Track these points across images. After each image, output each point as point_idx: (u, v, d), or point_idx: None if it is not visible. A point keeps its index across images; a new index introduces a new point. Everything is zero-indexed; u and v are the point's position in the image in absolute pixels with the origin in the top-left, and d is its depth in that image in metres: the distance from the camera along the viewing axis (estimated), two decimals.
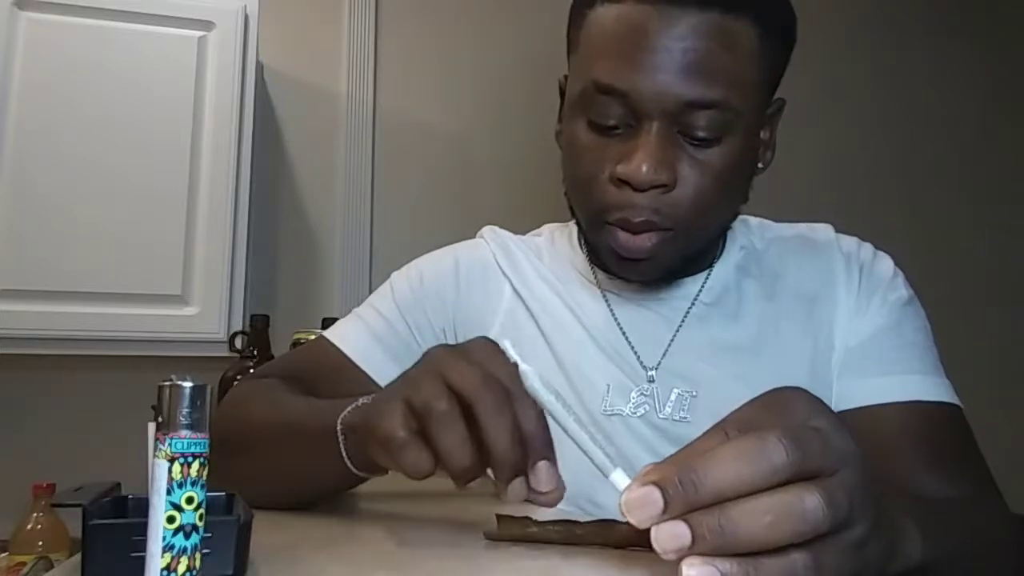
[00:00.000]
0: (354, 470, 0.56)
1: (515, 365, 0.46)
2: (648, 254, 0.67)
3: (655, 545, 0.35)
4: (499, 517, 0.52)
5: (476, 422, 0.43)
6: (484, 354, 0.47)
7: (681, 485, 0.35)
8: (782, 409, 0.39)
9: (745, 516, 0.34)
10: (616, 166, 0.65)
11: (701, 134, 0.64)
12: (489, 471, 0.45)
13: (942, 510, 0.55)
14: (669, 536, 0.35)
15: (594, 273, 0.80)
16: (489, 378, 0.44)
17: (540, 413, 0.45)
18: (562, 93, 0.75)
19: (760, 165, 0.73)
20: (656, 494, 0.35)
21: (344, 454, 0.55)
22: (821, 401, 0.40)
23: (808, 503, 0.34)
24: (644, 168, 0.63)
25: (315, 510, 0.74)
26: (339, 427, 0.56)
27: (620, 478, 0.40)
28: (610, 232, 0.68)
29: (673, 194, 0.65)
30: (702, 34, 0.62)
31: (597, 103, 0.66)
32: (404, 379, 0.49)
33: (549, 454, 0.44)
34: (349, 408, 0.56)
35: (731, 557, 0.34)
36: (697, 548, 0.34)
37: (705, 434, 0.38)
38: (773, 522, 0.34)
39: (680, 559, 0.35)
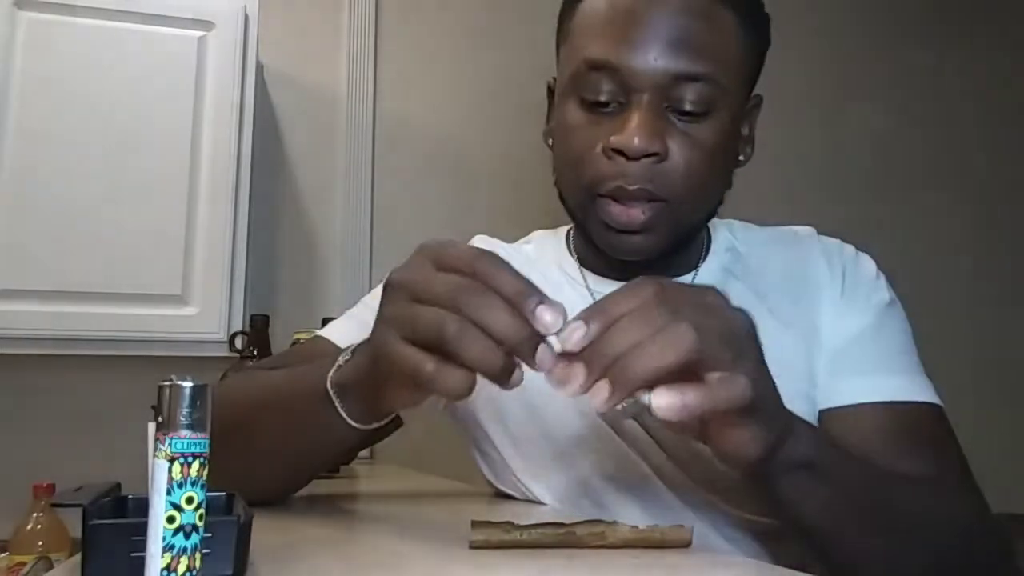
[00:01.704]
0: (356, 425, 0.58)
1: (465, 248, 0.49)
2: (641, 226, 0.68)
3: (556, 385, 0.46)
4: (475, 523, 0.51)
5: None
6: (431, 256, 0.49)
7: (596, 357, 0.45)
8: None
9: (634, 355, 0.44)
10: (609, 138, 0.67)
11: (689, 107, 0.67)
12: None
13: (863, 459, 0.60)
14: (569, 373, 0.46)
15: (583, 276, 0.80)
16: (452, 280, 0.47)
17: (510, 271, 0.47)
18: (550, 93, 0.78)
19: (741, 158, 0.76)
20: (580, 367, 0.46)
21: (343, 413, 0.57)
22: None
23: (681, 327, 0.45)
24: (636, 138, 0.65)
25: (315, 510, 0.74)
26: (330, 388, 0.57)
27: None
28: (603, 206, 0.69)
29: (665, 165, 0.67)
30: (689, 12, 0.66)
31: (589, 81, 0.69)
32: (385, 322, 0.50)
33: (539, 296, 0.46)
34: (333, 369, 0.58)
35: (688, 385, 0.45)
36: (615, 390, 0.45)
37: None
38: (657, 350, 0.44)
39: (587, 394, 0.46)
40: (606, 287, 0.78)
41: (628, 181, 0.67)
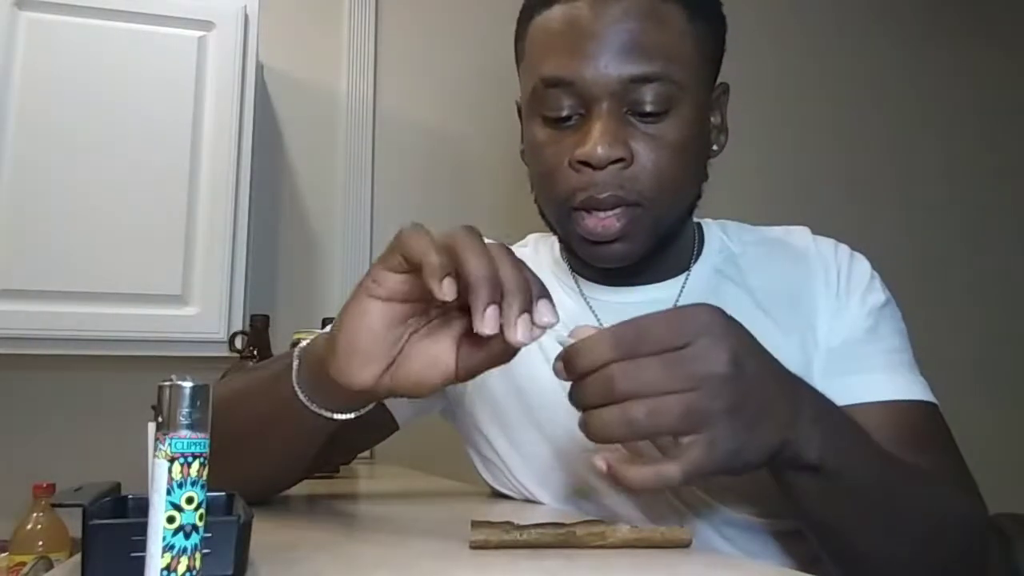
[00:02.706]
0: (305, 401, 0.56)
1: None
2: (618, 234, 0.69)
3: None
4: (475, 523, 0.51)
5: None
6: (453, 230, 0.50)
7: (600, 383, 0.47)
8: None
9: (590, 422, 0.48)
10: (574, 151, 0.68)
11: (649, 108, 0.67)
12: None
13: (879, 446, 0.58)
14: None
15: (576, 282, 0.80)
16: (469, 231, 0.48)
17: (527, 267, 0.48)
18: (520, 113, 0.79)
19: (715, 147, 0.76)
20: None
21: (294, 380, 0.57)
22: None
23: (632, 412, 0.46)
24: (600, 147, 0.66)
25: (315, 510, 0.74)
26: (295, 357, 0.58)
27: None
28: (578, 219, 0.69)
29: (632, 169, 0.68)
30: (634, 15, 0.67)
31: (547, 98, 0.69)
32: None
33: (544, 293, 0.48)
34: (309, 339, 0.59)
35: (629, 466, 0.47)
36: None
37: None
38: (610, 425, 0.46)
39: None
40: (599, 293, 0.78)
41: (598, 190, 0.67)
